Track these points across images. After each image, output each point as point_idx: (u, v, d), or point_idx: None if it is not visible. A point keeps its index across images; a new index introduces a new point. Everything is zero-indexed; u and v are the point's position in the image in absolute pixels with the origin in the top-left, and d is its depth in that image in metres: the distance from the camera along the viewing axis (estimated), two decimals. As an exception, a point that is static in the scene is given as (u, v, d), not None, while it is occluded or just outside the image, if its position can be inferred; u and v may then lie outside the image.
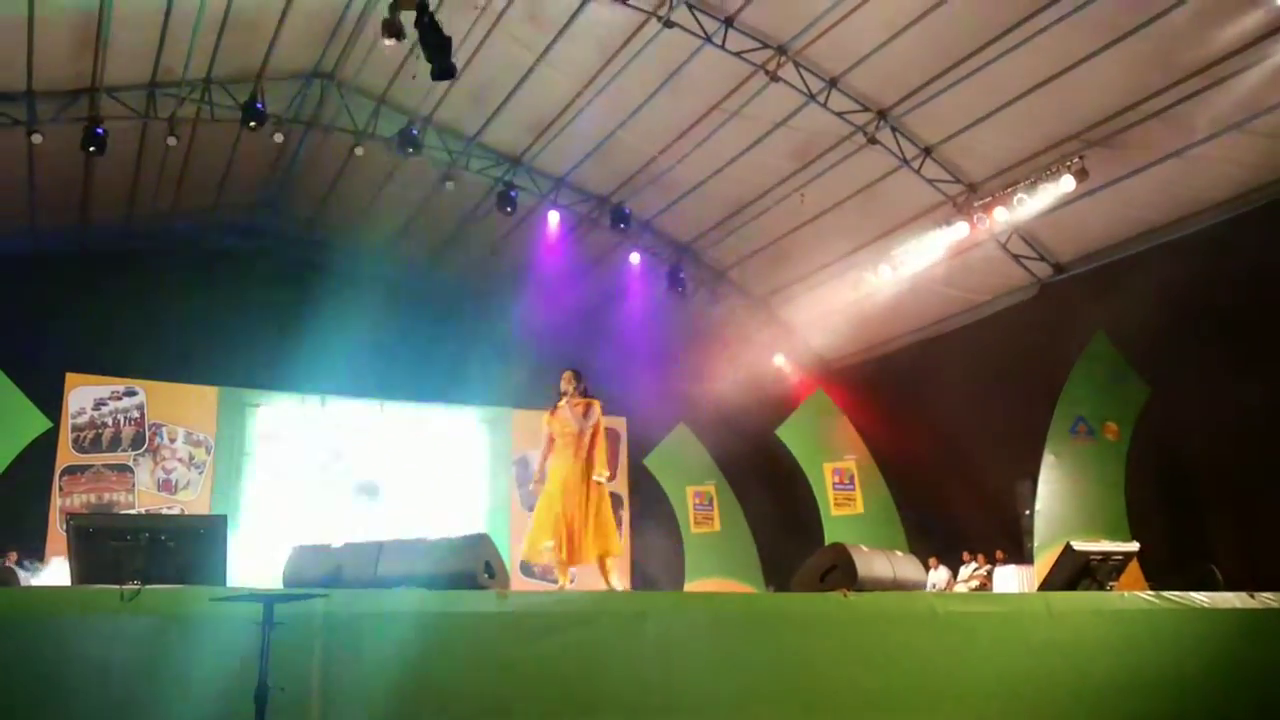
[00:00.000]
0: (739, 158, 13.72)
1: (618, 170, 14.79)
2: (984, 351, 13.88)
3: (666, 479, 17.52)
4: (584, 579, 8.43)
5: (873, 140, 12.76)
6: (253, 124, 12.61)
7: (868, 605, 6.08)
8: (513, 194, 14.57)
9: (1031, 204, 12.07)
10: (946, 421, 14.35)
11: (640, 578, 17.21)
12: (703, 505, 17.24)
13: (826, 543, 12.06)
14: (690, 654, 5.57)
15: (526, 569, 15.32)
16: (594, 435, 7.93)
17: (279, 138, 13.38)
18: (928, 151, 12.92)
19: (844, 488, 15.34)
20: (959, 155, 12.90)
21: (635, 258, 16.16)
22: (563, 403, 7.89)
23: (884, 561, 6.76)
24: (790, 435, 15.81)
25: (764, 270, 16.20)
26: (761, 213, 14.78)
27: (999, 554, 13.14)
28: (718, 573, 16.21)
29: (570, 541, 7.56)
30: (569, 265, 16.20)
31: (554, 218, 15.28)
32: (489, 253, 16.29)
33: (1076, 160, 11.48)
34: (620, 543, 8.22)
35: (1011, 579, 12.45)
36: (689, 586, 16.08)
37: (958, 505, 14.19)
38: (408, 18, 9.67)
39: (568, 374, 8.04)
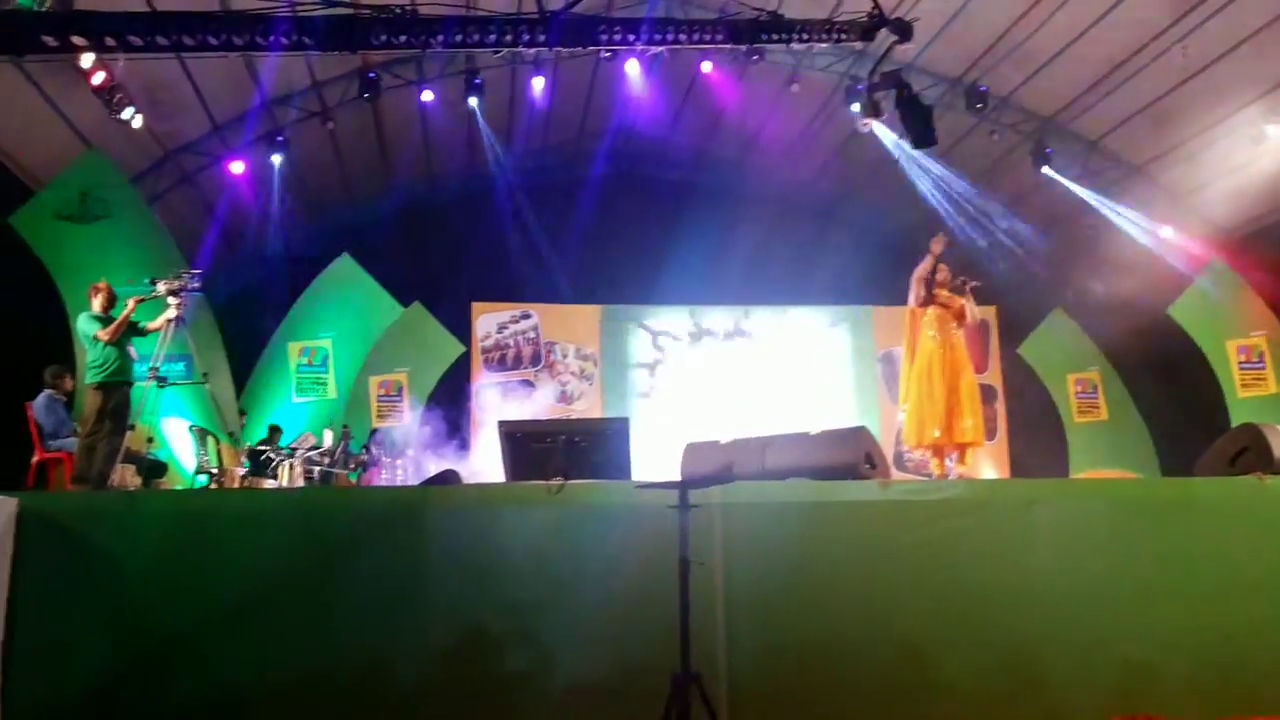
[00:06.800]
0: (1105, 16, 12.51)
1: (969, 48, 14.02)
2: None
3: (1044, 368, 16.83)
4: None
5: (1272, -29, 11.19)
6: (608, 55, 13.27)
7: (1289, 488, 5.62)
8: (859, 87, 14.23)
9: None
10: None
11: (1018, 471, 16.70)
12: (1086, 393, 16.40)
13: (1233, 426, 11.07)
14: (1085, 542, 5.46)
15: (899, 462, 15.40)
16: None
17: (635, 66, 13.94)
18: (1345, -26, 11.13)
19: (1253, 366, 13.95)
20: (1387, -28, 11.01)
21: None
22: (946, 277, 7.92)
23: (1306, 441, 6.15)
24: (1185, 313, 14.59)
25: (1143, 135, 14.74)
26: (1136, 73, 13.41)
27: None
28: (1106, 463, 15.46)
29: (954, 426, 7.60)
30: (923, 156, 15.66)
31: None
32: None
33: None
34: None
35: None
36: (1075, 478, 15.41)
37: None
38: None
39: (941, 236, 8.22)
